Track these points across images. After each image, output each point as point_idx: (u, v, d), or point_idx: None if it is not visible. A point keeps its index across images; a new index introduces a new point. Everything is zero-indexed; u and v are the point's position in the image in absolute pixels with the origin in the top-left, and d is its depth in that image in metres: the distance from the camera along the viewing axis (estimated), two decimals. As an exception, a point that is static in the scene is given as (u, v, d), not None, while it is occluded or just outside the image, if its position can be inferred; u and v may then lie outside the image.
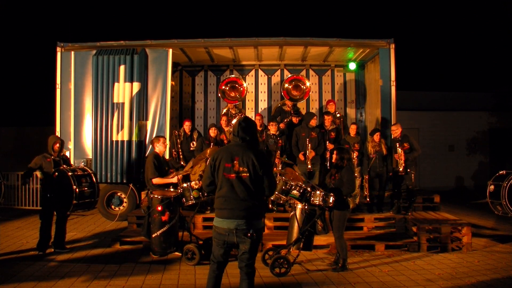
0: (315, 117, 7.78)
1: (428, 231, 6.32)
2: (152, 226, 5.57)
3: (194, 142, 8.25)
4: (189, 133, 8.30)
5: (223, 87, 8.92)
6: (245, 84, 8.95)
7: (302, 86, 8.94)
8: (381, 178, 7.27)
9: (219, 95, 9.11)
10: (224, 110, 9.29)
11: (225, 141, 7.88)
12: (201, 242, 5.77)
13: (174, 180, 5.90)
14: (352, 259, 5.69)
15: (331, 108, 8.61)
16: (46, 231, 5.97)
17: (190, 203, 5.67)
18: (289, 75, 9.33)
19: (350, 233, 6.62)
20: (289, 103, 8.92)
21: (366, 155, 7.34)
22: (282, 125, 8.27)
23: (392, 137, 7.49)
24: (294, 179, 5.61)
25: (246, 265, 3.55)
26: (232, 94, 8.93)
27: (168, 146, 7.50)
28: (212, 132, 7.49)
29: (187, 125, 8.31)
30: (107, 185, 8.27)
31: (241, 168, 3.44)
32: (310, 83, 9.15)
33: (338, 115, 8.79)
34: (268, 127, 7.74)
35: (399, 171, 6.99)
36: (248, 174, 3.44)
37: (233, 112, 8.86)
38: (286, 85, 8.93)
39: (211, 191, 3.64)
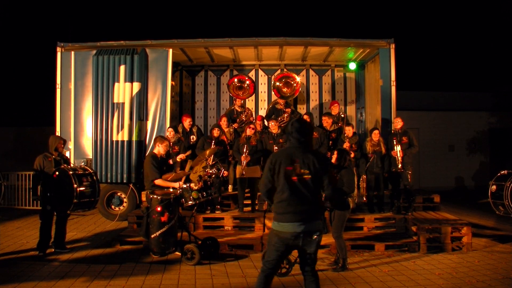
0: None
1: (428, 231, 6.32)
2: (151, 226, 5.57)
3: (194, 136, 8.26)
4: (188, 129, 8.29)
5: (232, 83, 9.12)
6: (248, 83, 9.08)
7: (292, 82, 9.01)
8: (379, 178, 7.27)
9: (228, 90, 9.29)
10: (228, 109, 9.33)
11: (226, 142, 7.87)
12: (200, 242, 5.77)
13: (176, 185, 5.80)
14: (352, 259, 5.69)
15: (335, 109, 8.60)
16: (46, 231, 5.97)
17: (190, 204, 5.68)
18: (279, 73, 9.49)
19: (351, 233, 6.61)
20: (281, 101, 8.95)
21: (365, 155, 7.34)
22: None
23: (392, 129, 7.51)
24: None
25: (312, 268, 3.49)
26: (238, 93, 9.04)
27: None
28: (216, 132, 7.47)
29: (187, 122, 8.28)
30: (107, 185, 8.27)
31: (302, 171, 3.37)
32: (300, 78, 9.29)
33: (342, 115, 8.80)
34: (269, 126, 7.73)
35: (398, 168, 6.99)
36: (310, 176, 3.37)
37: (239, 110, 8.87)
38: (277, 83, 9.05)
39: (270, 196, 3.51)
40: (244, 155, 7.02)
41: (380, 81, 8.37)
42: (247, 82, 9.20)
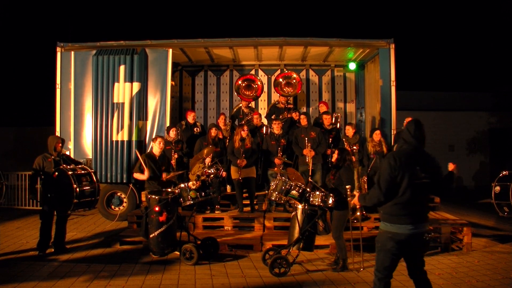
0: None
1: (428, 231, 6.31)
2: (149, 226, 5.57)
3: (198, 128, 8.29)
4: (192, 122, 8.30)
5: (239, 82, 9.00)
6: (259, 83, 9.02)
7: (294, 82, 9.00)
8: None
9: (234, 91, 9.17)
10: (235, 109, 9.32)
11: (221, 139, 7.86)
12: (199, 242, 5.77)
13: (144, 177, 6.00)
14: (352, 259, 5.68)
15: (322, 109, 8.58)
16: (46, 231, 5.97)
17: (188, 204, 5.68)
18: (279, 73, 9.47)
19: (351, 233, 6.59)
20: (282, 99, 8.94)
21: (367, 155, 7.32)
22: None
23: (399, 130, 7.49)
24: (296, 179, 5.60)
25: (423, 269, 3.51)
26: (247, 93, 8.99)
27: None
28: (213, 132, 7.47)
29: (191, 116, 8.30)
30: (107, 185, 8.27)
31: (423, 174, 3.35)
32: (299, 76, 9.27)
33: (335, 115, 8.80)
34: (272, 125, 7.73)
35: None
36: (429, 180, 3.36)
37: (246, 111, 8.86)
38: (280, 80, 9.01)
39: (389, 197, 3.38)
40: (240, 159, 7.02)
41: (380, 81, 8.37)
42: (258, 83, 9.10)
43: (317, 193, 5.13)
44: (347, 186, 5.04)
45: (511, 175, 6.69)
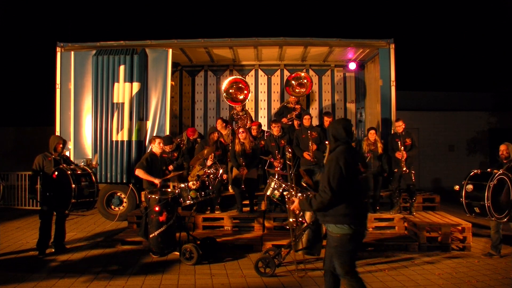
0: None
1: (428, 231, 6.32)
2: (149, 226, 5.57)
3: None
4: (192, 139, 8.12)
5: (228, 88, 8.91)
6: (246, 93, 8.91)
7: (304, 81, 9.00)
8: (375, 178, 7.21)
9: (225, 96, 9.01)
10: (231, 114, 9.25)
11: (224, 144, 7.84)
12: (198, 242, 5.77)
13: (156, 181, 5.78)
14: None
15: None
16: (45, 231, 5.97)
17: (188, 203, 5.68)
18: (290, 74, 9.45)
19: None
20: (292, 99, 8.92)
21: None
22: (284, 120, 8.29)
23: (393, 133, 7.49)
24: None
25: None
26: (241, 96, 8.90)
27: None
28: (215, 136, 7.42)
29: (195, 136, 8.12)
30: (107, 185, 8.28)
31: (363, 169, 3.42)
32: (310, 76, 9.23)
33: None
34: (272, 127, 7.71)
35: (403, 170, 6.94)
36: (364, 175, 3.43)
37: (241, 114, 8.78)
38: (292, 82, 8.98)
39: (343, 200, 3.33)
40: (242, 168, 7.02)
41: (380, 81, 8.37)
42: (244, 91, 8.93)
43: (299, 194, 5.07)
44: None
45: (486, 174, 6.38)
